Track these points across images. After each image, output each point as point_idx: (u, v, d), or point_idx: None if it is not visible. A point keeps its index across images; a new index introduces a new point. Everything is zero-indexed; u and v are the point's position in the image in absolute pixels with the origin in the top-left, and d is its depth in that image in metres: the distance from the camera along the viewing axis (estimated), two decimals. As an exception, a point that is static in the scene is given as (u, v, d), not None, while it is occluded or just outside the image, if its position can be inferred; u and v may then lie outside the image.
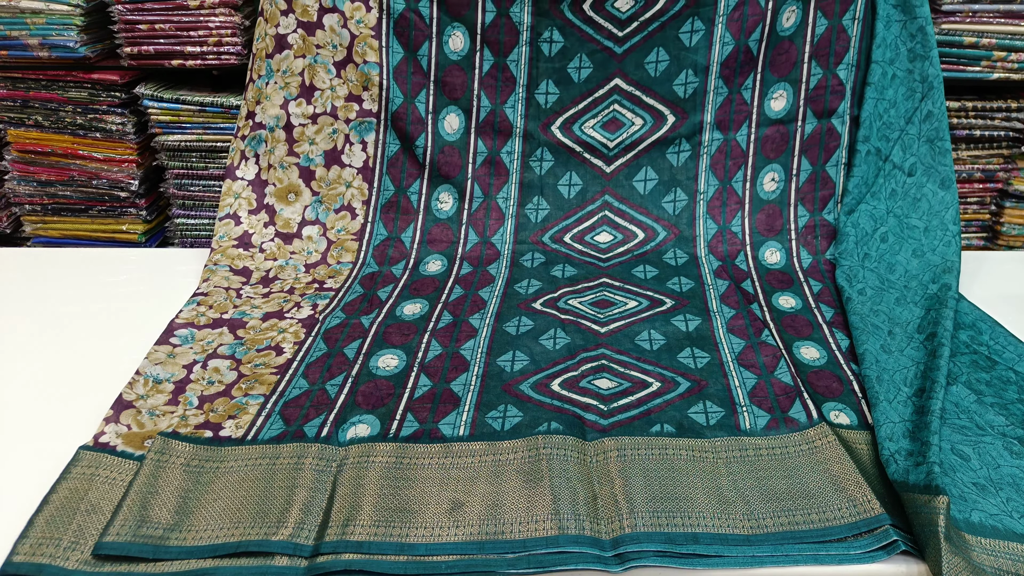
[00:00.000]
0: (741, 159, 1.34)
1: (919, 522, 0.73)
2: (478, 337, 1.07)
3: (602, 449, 0.85)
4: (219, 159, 2.51)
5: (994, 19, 2.39)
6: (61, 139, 2.50)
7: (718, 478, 0.81)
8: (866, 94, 1.31)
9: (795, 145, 1.34)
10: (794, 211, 1.34)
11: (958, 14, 2.41)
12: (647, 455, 0.84)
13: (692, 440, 0.87)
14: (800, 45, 1.30)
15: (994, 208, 2.64)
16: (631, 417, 0.91)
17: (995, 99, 2.50)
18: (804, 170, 1.34)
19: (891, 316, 1.09)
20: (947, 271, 1.16)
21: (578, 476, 0.81)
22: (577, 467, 0.82)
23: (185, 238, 2.64)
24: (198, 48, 2.37)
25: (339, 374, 0.98)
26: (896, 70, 1.33)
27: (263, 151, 1.40)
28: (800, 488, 0.80)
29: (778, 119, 1.33)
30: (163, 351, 1.00)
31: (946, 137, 1.31)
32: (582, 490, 0.79)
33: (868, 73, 1.31)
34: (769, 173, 1.35)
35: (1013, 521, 0.76)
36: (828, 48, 1.30)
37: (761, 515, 0.76)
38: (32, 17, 2.35)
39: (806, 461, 0.83)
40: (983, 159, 2.55)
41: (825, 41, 1.30)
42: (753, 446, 0.86)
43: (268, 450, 0.83)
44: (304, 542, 0.72)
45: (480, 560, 0.71)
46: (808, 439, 0.87)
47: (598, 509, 0.76)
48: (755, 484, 0.80)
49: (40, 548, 0.69)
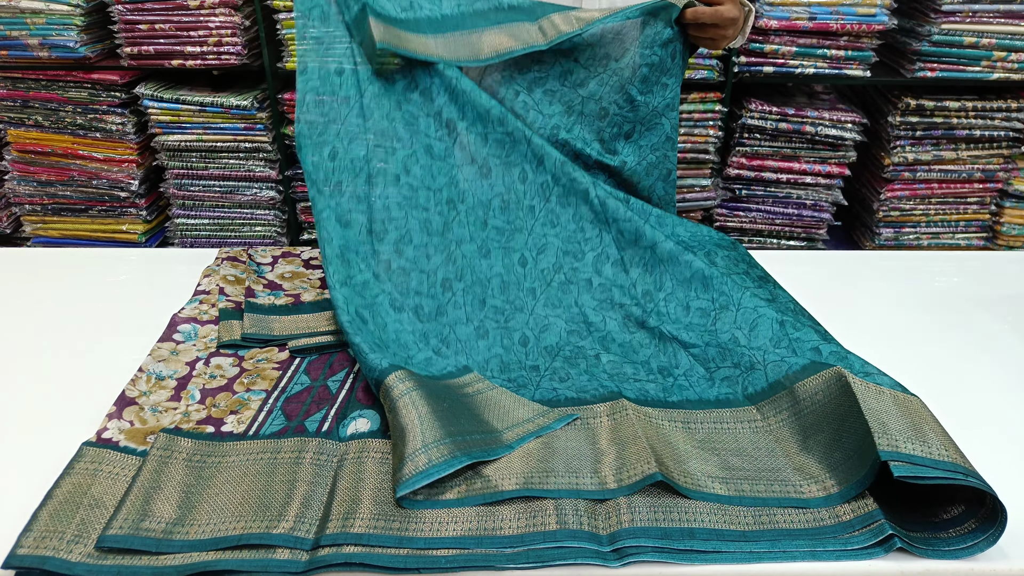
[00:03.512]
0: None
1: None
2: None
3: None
4: (219, 159, 2.52)
5: (994, 19, 2.40)
6: (61, 139, 2.51)
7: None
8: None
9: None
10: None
11: (958, 14, 2.42)
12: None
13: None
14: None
15: (994, 208, 2.66)
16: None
17: (995, 99, 2.51)
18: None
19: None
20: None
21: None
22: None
23: (185, 238, 2.65)
24: (198, 48, 2.38)
25: (340, 370, 0.98)
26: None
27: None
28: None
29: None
30: (166, 348, 1.01)
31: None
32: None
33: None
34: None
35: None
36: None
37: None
38: (32, 17, 2.36)
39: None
40: (983, 159, 2.56)
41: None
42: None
43: (269, 445, 0.84)
44: (305, 535, 0.72)
45: (479, 554, 0.72)
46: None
47: (596, 504, 0.77)
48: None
49: (44, 541, 0.70)
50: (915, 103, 2.43)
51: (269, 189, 2.55)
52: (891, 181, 2.58)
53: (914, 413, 0.80)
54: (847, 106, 2.52)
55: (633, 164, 1.25)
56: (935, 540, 0.74)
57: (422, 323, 1.04)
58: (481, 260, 1.11)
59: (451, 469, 0.78)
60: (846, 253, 1.47)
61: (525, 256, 1.11)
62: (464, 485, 0.79)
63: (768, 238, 2.70)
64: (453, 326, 1.05)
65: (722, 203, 2.65)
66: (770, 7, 2.31)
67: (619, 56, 1.18)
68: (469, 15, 1.16)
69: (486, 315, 1.07)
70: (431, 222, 1.11)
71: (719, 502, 0.78)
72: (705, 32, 1.16)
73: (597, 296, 1.10)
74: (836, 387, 0.84)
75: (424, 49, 1.12)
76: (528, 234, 1.12)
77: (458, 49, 1.15)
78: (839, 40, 2.35)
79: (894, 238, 2.67)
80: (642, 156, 1.25)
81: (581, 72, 1.19)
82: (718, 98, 2.46)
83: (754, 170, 2.55)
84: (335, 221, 1.06)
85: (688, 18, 1.14)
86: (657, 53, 1.17)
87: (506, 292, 1.09)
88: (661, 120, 1.24)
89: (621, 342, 1.04)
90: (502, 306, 1.08)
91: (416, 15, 1.13)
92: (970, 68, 2.39)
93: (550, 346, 1.04)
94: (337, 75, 1.10)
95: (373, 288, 1.04)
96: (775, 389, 0.91)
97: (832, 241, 2.78)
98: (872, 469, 0.76)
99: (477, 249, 1.11)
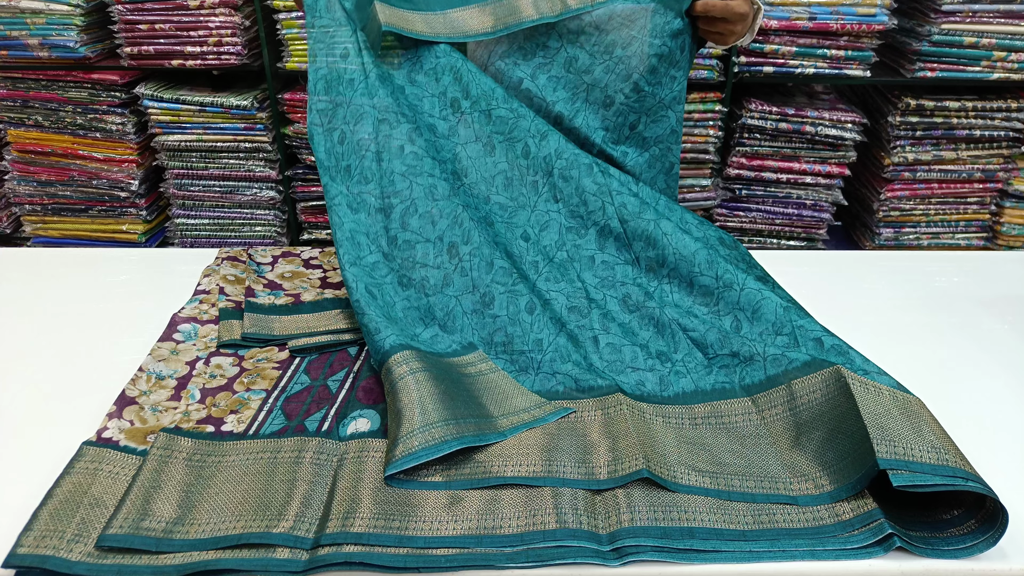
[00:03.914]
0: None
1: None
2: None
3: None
4: (219, 159, 2.52)
5: (994, 19, 2.40)
6: (61, 139, 2.51)
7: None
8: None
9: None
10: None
11: (958, 14, 2.43)
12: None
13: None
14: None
15: (994, 208, 2.66)
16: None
17: (995, 99, 2.51)
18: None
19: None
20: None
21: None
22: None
23: (185, 238, 2.65)
24: (198, 48, 2.38)
25: (340, 370, 0.98)
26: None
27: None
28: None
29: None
30: (166, 347, 1.01)
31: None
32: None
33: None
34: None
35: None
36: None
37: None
38: (32, 17, 2.36)
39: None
40: (983, 159, 2.56)
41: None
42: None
43: (269, 444, 0.84)
44: (305, 535, 0.72)
45: (479, 554, 0.72)
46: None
47: (596, 503, 0.77)
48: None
49: (44, 540, 0.70)
50: (915, 103, 2.43)
51: (269, 189, 2.55)
52: (891, 181, 2.58)
53: (914, 414, 0.80)
54: (847, 106, 2.53)
55: (636, 156, 1.24)
56: (935, 540, 0.74)
57: (428, 296, 1.04)
58: (487, 228, 1.11)
59: (441, 453, 0.79)
60: (846, 253, 1.47)
61: (528, 232, 1.11)
62: (454, 469, 0.81)
63: (768, 238, 2.70)
64: (459, 297, 1.05)
65: (722, 203, 2.65)
66: (770, 7, 2.31)
67: (626, 44, 1.17)
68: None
69: (493, 278, 1.06)
70: (436, 188, 1.11)
71: (706, 495, 0.78)
72: (714, 26, 1.15)
73: (599, 274, 1.10)
74: (835, 387, 0.84)
75: (429, 29, 1.13)
76: (531, 211, 1.12)
77: (465, 23, 1.16)
78: (839, 40, 2.35)
79: (894, 238, 2.68)
80: (645, 148, 1.24)
81: (587, 59, 1.18)
82: (718, 98, 2.46)
83: (754, 170, 2.55)
84: (346, 207, 1.08)
85: (698, 10, 1.13)
86: (667, 44, 1.16)
87: (511, 260, 1.09)
88: (667, 112, 1.23)
89: (621, 322, 1.04)
90: (509, 268, 1.07)
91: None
92: (970, 68, 2.39)
93: (554, 317, 1.04)
94: (343, 59, 1.13)
95: (382, 268, 1.05)
96: (773, 383, 0.91)
97: (832, 241, 2.78)
98: (867, 476, 0.76)
99: (483, 218, 1.12)
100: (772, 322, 0.98)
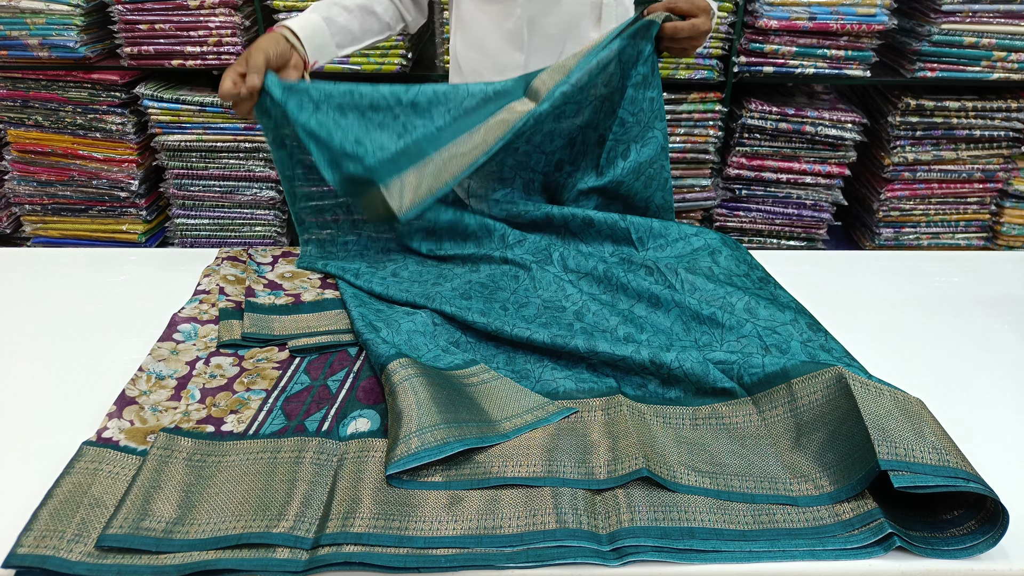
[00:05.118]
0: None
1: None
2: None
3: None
4: (219, 159, 2.52)
5: (994, 19, 2.40)
6: (61, 139, 2.51)
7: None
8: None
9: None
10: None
11: (958, 14, 2.42)
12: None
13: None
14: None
15: (994, 208, 2.66)
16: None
17: (995, 99, 2.50)
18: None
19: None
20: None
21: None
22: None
23: (185, 238, 2.65)
24: (198, 48, 2.38)
25: (340, 370, 0.98)
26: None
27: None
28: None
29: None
30: (166, 347, 1.01)
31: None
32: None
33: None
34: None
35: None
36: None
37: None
38: (32, 17, 2.36)
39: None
40: (983, 159, 2.56)
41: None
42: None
43: (269, 444, 0.84)
44: (305, 535, 0.72)
45: (479, 554, 0.72)
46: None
47: (596, 504, 0.77)
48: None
49: (44, 540, 0.70)
50: (915, 103, 2.43)
51: (269, 189, 2.55)
52: (891, 181, 2.58)
53: (914, 415, 0.80)
54: (847, 106, 2.52)
55: (631, 181, 1.26)
56: (935, 540, 0.74)
57: (435, 326, 1.05)
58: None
59: (442, 454, 0.79)
60: (846, 253, 1.47)
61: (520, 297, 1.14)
62: (454, 469, 0.81)
63: (768, 238, 2.70)
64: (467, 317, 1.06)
65: (722, 203, 2.65)
66: (770, 7, 2.31)
67: (606, 82, 1.19)
68: (461, 117, 1.18)
69: (497, 313, 1.08)
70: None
71: (706, 496, 0.78)
72: (680, 44, 1.20)
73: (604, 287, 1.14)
74: (836, 388, 0.84)
75: (435, 182, 1.15)
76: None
77: (463, 153, 1.16)
78: (839, 40, 2.35)
79: (894, 238, 2.68)
80: (640, 171, 1.26)
81: (574, 106, 1.19)
82: (718, 98, 2.46)
83: (754, 170, 2.55)
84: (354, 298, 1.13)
85: (667, 32, 1.17)
86: (640, 71, 1.19)
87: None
88: (653, 132, 1.25)
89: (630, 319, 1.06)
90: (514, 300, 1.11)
91: (414, 136, 1.16)
92: (970, 68, 2.39)
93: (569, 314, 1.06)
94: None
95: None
96: (773, 382, 0.91)
97: (832, 241, 2.78)
98: (868, 477, 0.76)
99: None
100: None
